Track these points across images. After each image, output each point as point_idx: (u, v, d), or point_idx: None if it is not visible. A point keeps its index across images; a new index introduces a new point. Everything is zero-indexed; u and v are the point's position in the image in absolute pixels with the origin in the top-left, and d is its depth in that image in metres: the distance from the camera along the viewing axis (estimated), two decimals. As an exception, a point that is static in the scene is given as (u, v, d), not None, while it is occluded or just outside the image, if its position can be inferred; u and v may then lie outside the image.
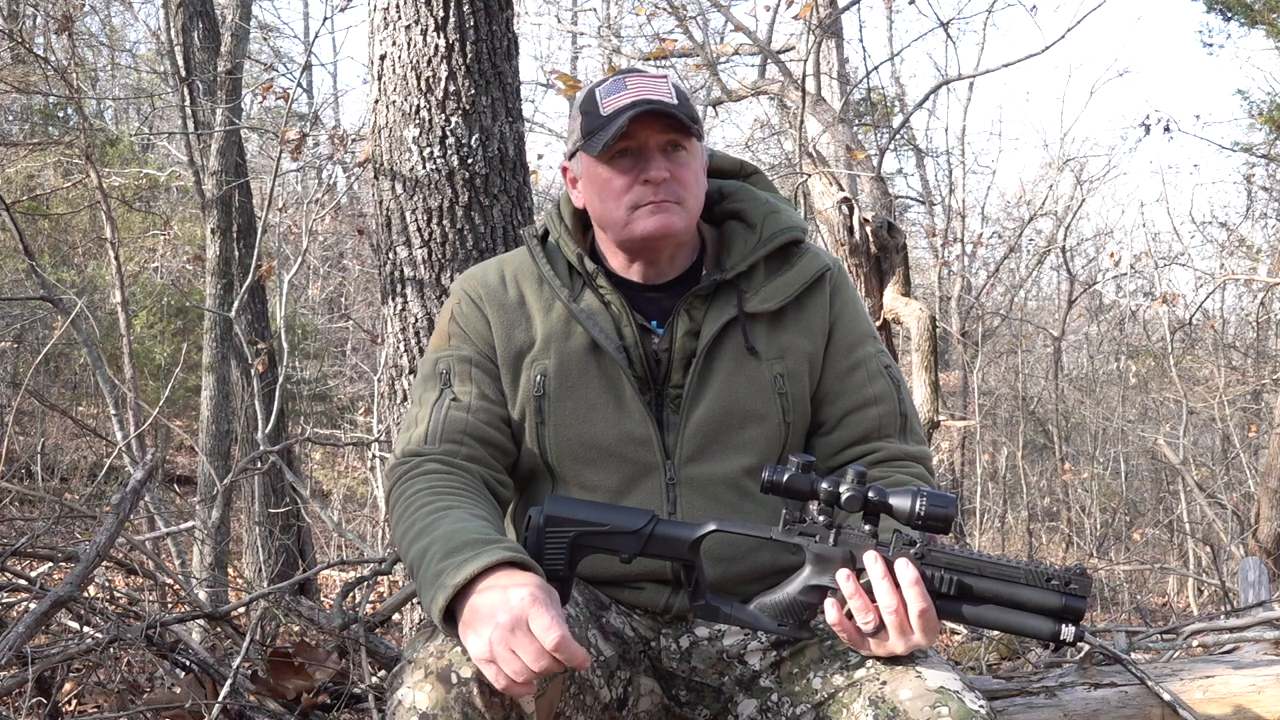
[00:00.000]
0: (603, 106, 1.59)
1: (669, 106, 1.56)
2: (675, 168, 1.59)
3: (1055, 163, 14.20)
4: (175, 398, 9.46)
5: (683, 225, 1.61)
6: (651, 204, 1.59)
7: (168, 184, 10.46)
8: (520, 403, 1.64)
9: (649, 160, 1.58)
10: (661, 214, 1.59)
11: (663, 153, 1.59)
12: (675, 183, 1.59)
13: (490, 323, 1.67)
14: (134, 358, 4.90)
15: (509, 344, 1.66)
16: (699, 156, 1.65)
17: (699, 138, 1.65)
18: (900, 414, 1.69)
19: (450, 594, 1.28)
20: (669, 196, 1.59)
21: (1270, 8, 9.51)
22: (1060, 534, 10.66)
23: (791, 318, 1.68)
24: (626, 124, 1.54)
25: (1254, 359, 11.66)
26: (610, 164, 1.60)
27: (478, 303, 1.68)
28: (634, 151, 1.59)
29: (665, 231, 1.60)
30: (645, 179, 1.58)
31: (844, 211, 5.12)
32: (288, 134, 5.78)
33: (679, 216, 1.60)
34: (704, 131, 1.69)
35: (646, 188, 1.58)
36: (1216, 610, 6.55)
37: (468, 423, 1.60)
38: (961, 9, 17.40)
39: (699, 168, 1.64)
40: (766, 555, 1.59)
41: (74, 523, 3.46)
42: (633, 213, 1.60)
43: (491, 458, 1.61)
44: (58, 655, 2.15)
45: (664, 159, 1.59)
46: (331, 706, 2.29)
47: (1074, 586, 1.38)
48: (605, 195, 1.62)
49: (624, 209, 1.60)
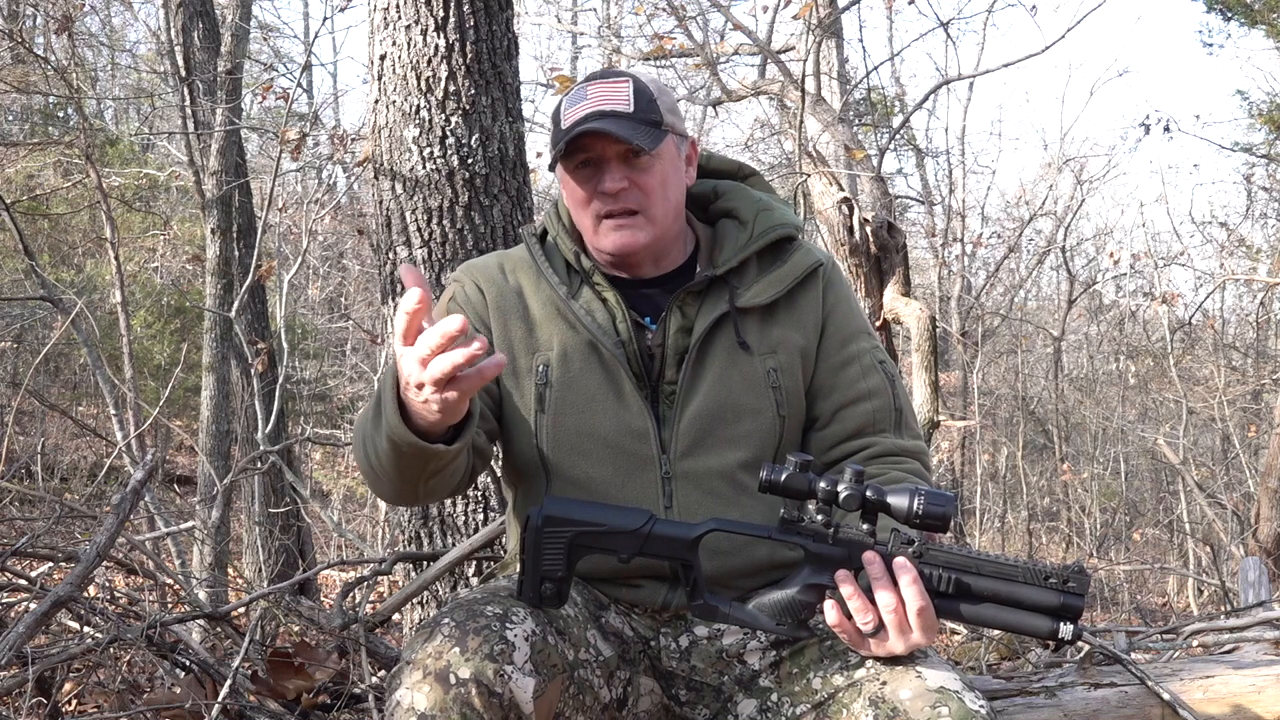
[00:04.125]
0: (564, 118, 1.60)
1: (615, 122, 1.56)
2: (635, 175, 1.60)
3: (1055, 163, 14.19)
4: (175, 398, 9.47)
5: (646, 238, 1.62)
6: (611, 218, 1.61)
7: (168, 184, 10.47)
8: (523, 393, 1.65)
9: (606, 171, 1.60)
10: (622, 231, 1.61)
11: (622, 161, 1.60)
12: (636, 190, 1.60)
13: (489, 304, 1.69)
14: (134, 358, 4.91)
15: (505, 331, 1.67)
16: (668, 160, 1.63)
17: (677, 133, 1.64)
18: (895, 409, 1.70)
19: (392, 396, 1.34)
20: (628, 205, 1.60)
21: (1270, 8, 9.52)
22: (1060, 534, 10.66)
23: (784, 312, 1.68)
24: (568, 142, 1.57)
25: (1254, 359, 11.67)
26: (574, 174, 1.62)
27: (479, 285, 1.70)
28: (594, 162, 1.61)
29: (626, 249, 1.62)
30: (601, 189, 1.60)
31: (844, 211, 5.11)
32: (288, 134, 5.79)
33: (642, 231, 1.62)
34: (679, 126, 1.66)
35: (605, 199, 1.60)
36: (1216, 610, 6.55)
37: None
38: (961, 9, 17.42)
39: (666, 171, 1.63)
40: (763, 550, 1.60)
41: (74, 523, 3.45)
42: (598, 224, 1.62)
43: None
44: (58, 655, 2.15)
45: (622, 168, 1.60)
46: (331, 706, 2.29)
47: (1072, 585, 1.38)
48: (574, 202, 1.65)
49: (589, 219, 1.63)
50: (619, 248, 1.62)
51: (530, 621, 1.41)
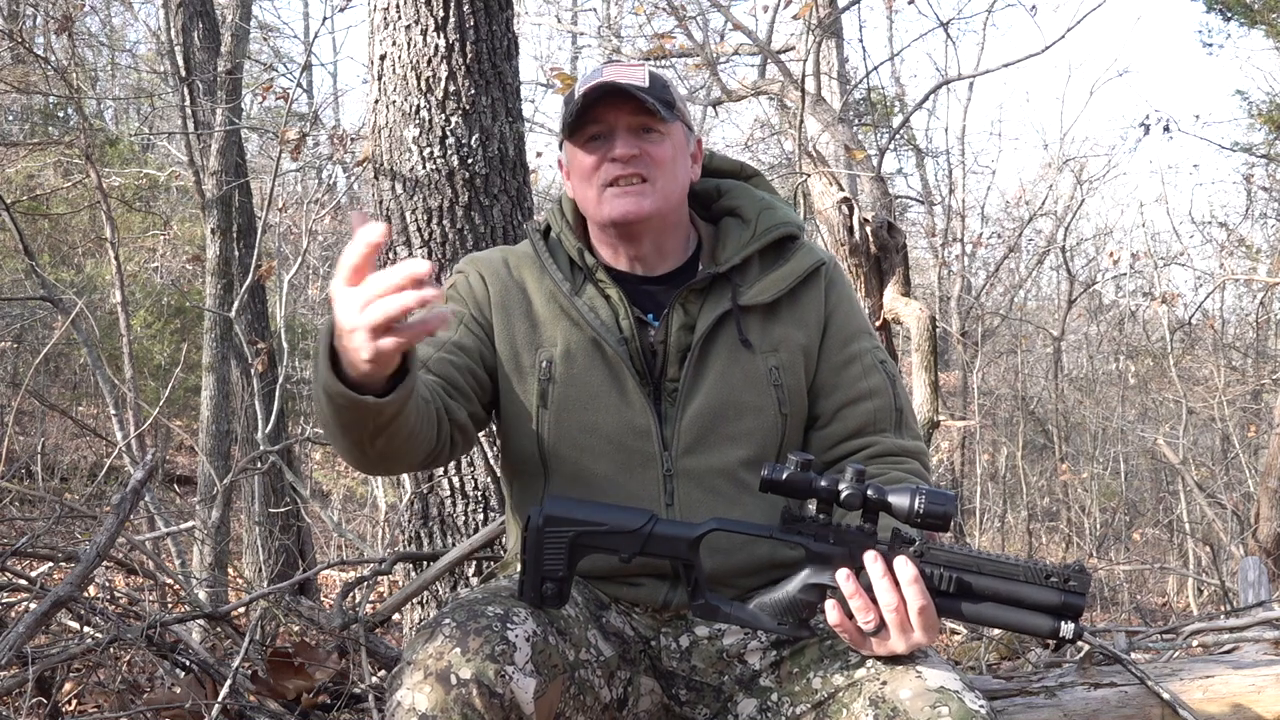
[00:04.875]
0: (578, 93, 1.62)
1: (633, 88, 1.58)
2: (647, 145, 1.62)
3: (1055, 163, 14.18)
4: (175, 398, 9.46)
5: (652, 207, 1.62)
6: (619, 183, 1.61)
7: (168, 184, 10.46)
8: (526, 388, 1.65)
9: (618, 139, 1.61)
10: (628, 198, 1.61)
11: (633, 133, 1.62)
12: (645, 159, 1.61)
13: (490, 295, 1.69)
14: (134, 358, 4.91)
15: (508, 327, 1.67)
16: (677, 142, 1.66)
17: (686, 124, 1.67)
18: (895, 408, 1.70)
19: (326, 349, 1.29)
20: (637, 170, 1.61)
21: (1270, 8, 9.51)
22: (1060, 534, 10.66)
23: (786, 311, 1.69)
24: (583, 101, 1.58)
25: (1254, 359, 11.67)
26: (584, 146, 1.63)
27: (483, 276, 1.71)
28: (605, 134, 1.62)
29: (633, 215, 1.62)
30: (612, 156, 1.61)
31: (844, 211, 5.11)
32: (288, 134, 5.79)
33: (649, 199, 1.62)
34: (688, 119, 1.70)
35: (614, 165, 1.61)
36: (1216, 610, 6.55)
37: (431, 356, 1.59)
38: (961, 9, 17.35)
39: (676, 151, 1.65)
40: (764, 548, 1.60)
41: (74, 523, 3.46)
42: (603, 192, 1.62)
43: (446, 392, 1.57)
44: (58, 655, 2.15)
45: (633, 138, 1.61)
46: (331, 706, 2.29)
47: (1073, 584, 1.38)
48: (579, 176, 1.65)
49: (595, 188, 1.63)
50: (623, 214, 1.62)
51: (531, 622, 1.40)
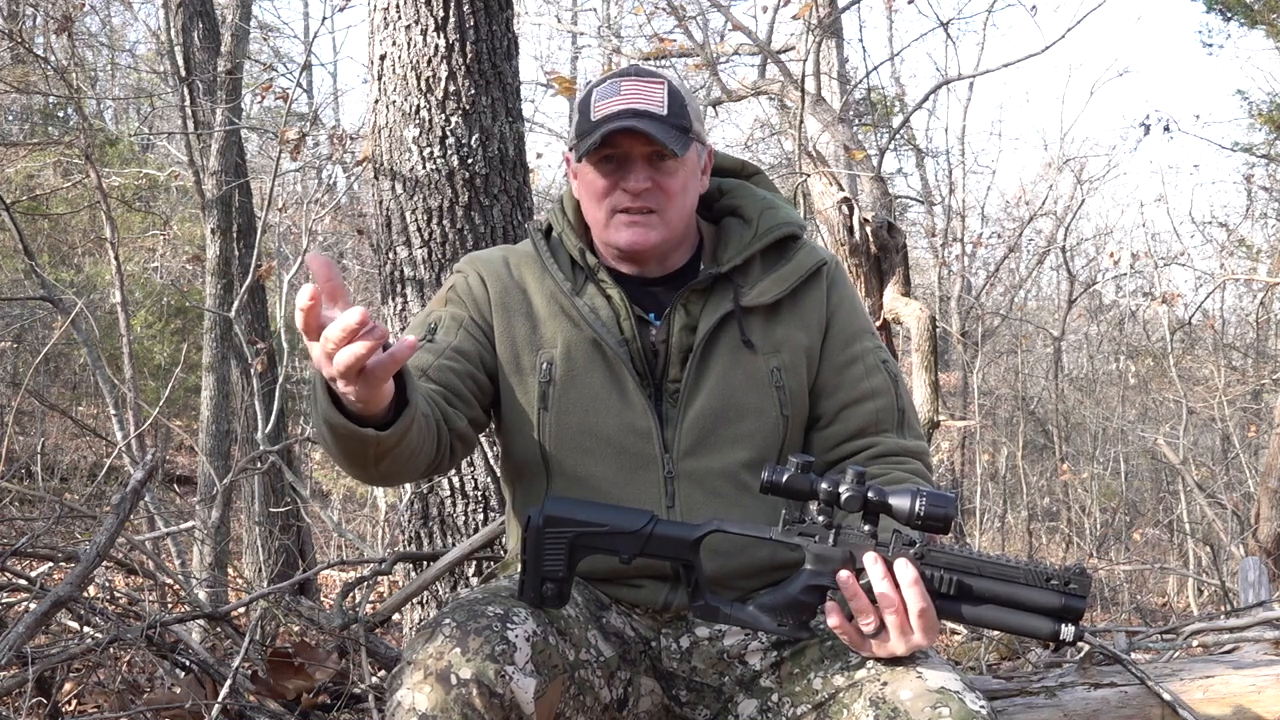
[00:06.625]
0: (594, 110, 1.60)
1: (650, 123, 1.56)
2: (659, 177, 1.60)
3: (1055, 163, 14.18)
4: (175, 398, 9.46)
5: (658, 238, 1.63)
6: (627, 214, 1.60)
7: (167, 184, 10.45)
8: (526, 390, 1.65)
9: (631, 169, 1.60)
10: (636, 228, 1.61)
11: (647, 162, 1.60)
12: (657, 192, 1.61)
13: (490, 296, 1.68)
14: (134, 358, 4.91)
15: (508, 327, 1.67)
16: (690, 168, 1.64)
17: (701, 141, 1.65)
18: (897, 409, 1.70)
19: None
20: (647, 204, 1.61)
21: (1270, 8, 9.51)
22: (1060, 534, 10.66)
23: (788, 311, 1.68)
24: (601, 138, 1.56)
25: (1254, 359, 11.66)
26: (596, 167, 1.62)
27: (483, 277, 1.70)
28: (619, 158, 1.60)
29: (639, 246, 1.62)
30: (624, 187, 1.60)
31: (844, 211, 5.11)
32: (288, 134, 5.79)
33: (656, 231, 1.62)
34: (703, 134, 1.68)
35: (625, 195, 1.61)
36: (1216, 610, 6.54)
37: (431, 364, 1.59)
38: (961, 9, 17.38)
39: (688, 177, 1.64)
40: (764, 550, 1.60)
41: (74, 523, 3.45)
42: (611, 218, 1.62)
43: (446, 400, 1.57)
44: (58, 655, 2.15)
45: (647, 168, 1.60)
46: (331, 706, 2.29)
47: (1073, 586, 1.38)
48: (589, 194, 1.65)
49: (604, 212, 1.63)
50: (630, 244, 1.62)
51: (531, 622, 1.40)
